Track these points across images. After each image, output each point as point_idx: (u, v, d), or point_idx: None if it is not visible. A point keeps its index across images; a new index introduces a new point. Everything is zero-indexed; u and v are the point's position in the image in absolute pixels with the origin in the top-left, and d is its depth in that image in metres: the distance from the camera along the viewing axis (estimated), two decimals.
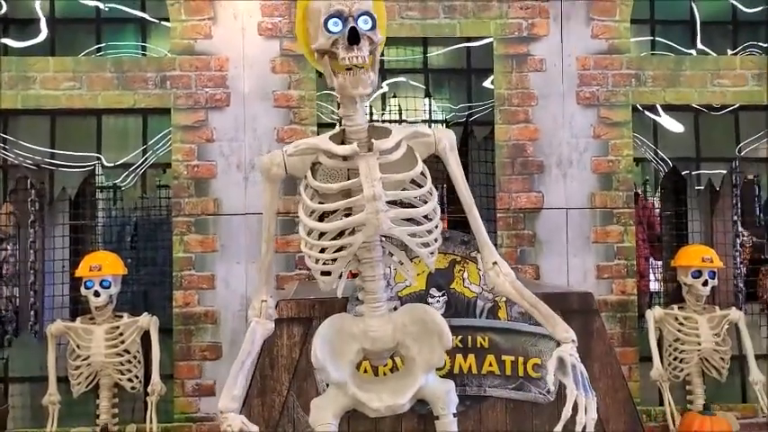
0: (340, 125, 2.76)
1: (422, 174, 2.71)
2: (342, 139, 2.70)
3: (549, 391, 3.35)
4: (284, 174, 2.74)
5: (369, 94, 2.60)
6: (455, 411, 2.81)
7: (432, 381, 2.80)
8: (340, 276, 2.79)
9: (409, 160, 2.70)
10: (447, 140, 2.75)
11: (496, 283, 2.71)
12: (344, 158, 2.65)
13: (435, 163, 2.81)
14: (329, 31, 2.53)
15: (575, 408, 2.46)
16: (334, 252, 2.72)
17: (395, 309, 2.91)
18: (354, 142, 2.64)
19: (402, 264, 2.82)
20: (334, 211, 2.71)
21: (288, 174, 2.74)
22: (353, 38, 2.48)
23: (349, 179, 2.68)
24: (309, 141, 2.75)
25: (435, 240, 2.77)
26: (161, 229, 5.68)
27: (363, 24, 2.52)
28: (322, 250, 2.73)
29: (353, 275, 2.91)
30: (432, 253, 2.77)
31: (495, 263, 2.72)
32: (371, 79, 2.55)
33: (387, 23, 2.87)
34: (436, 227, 2.76)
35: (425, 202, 2.73)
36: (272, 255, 2.89)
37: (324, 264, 2.75)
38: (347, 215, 2.70)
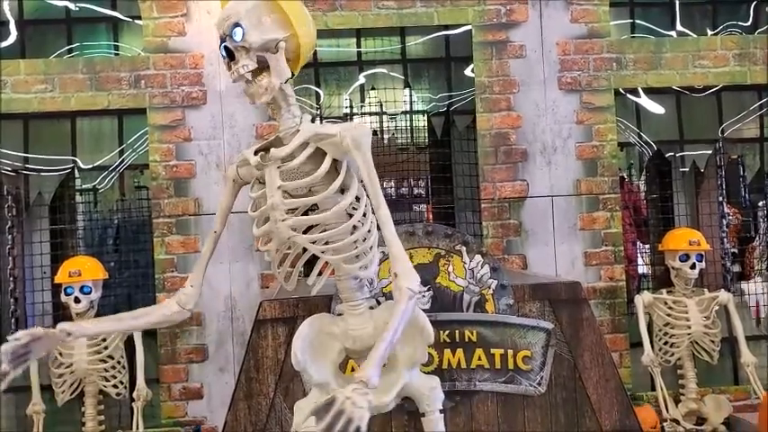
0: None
1: (326, 177, 2.59)
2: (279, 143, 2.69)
3: (539, 383, 3.32)
4: (241, 181, 2.81)
5: (267, 101, 2.59)
6: (442, 408, 2.78)
7: (416, 377, 2.75)
8: (320, 274, 2.79)
9: (317, 163, 2.60)
10: (350, 138, 2.53)
11: (394, 293, 2.52)
12: (256, 168, 2.66)
13: (417, 154, 2.74)
14: (223, 56, 2.59)
15: None
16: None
17: (378, 304, 2.88)
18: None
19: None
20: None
21: (244, 182, 2.80)
22: (229, 56, 2.54)
23: None
24: (245, 152, 2.75)
25: (354, 244, 2.64)
26: (142, 231, 5.60)
27: (235, 37, 2.52)
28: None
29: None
30: (353, 258, 2.65)
31: (395, 273, 2.51)
32: (264, 87, 2.55)
33: (359, 14, 2.81)
34: (355, 228, 2.64)
35: (334, 205, 2.61)
36: (211, 249, 2.90)
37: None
38: None
